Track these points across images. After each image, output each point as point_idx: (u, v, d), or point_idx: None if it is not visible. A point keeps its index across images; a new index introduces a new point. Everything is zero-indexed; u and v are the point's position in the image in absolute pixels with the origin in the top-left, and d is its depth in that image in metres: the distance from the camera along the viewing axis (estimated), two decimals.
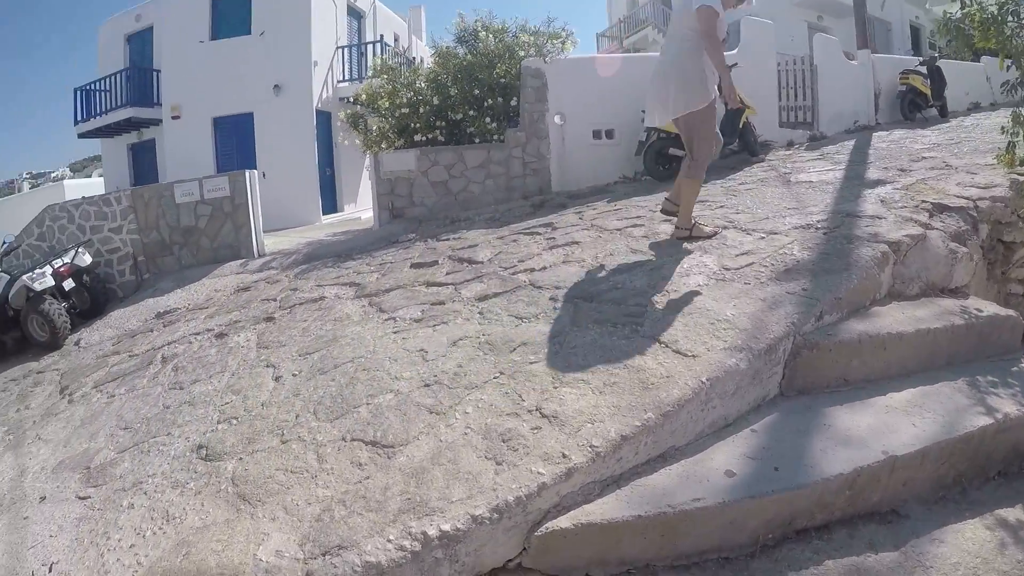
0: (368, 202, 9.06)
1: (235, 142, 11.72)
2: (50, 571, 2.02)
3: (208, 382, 3.15)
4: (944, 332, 2.42)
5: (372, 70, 8.28)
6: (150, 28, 12.56)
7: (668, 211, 3.59)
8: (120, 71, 12.52)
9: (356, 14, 13.83)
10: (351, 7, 13.42)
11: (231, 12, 11.81)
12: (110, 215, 6.96)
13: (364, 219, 10.08)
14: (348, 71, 12.71)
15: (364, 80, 9.98)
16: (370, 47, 12.78)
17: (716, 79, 3.27)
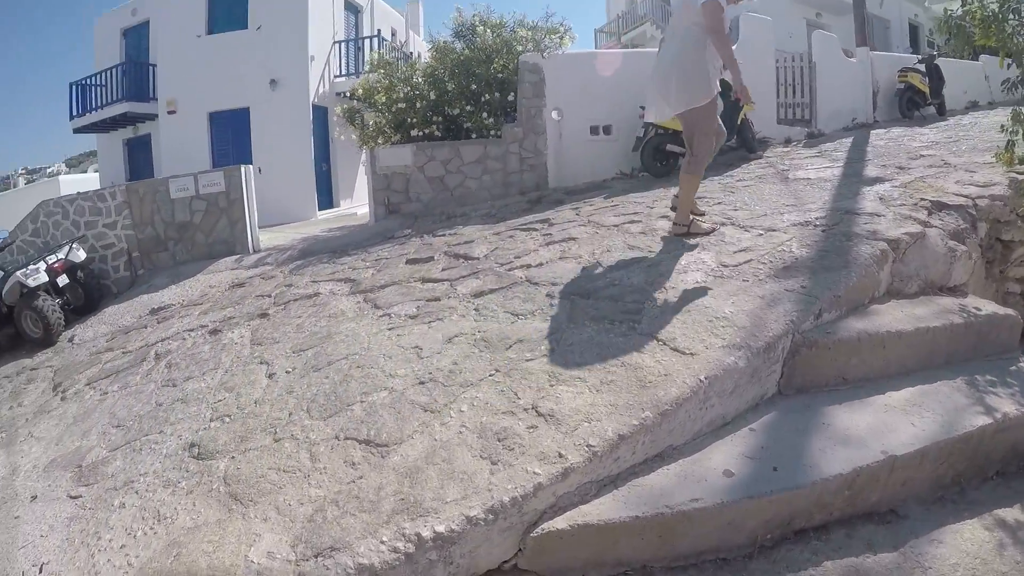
0: (364, 198, 9.05)
1: (231, 137, 11.64)
2: (40, 572, 2.00)
3: (201, 379, 3.12)
4: (943, 331, 2.41)
5: (369, 65, 8.22)
6: (146, 22, 12.45)
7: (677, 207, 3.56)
8: (116, 66, 12.42)
9: (353, 8, 13.75)
10: (348, 1, 13.34)
11: (227, 6, 11.72)
12: (105, 211, 6.90)
13: (360, 215, 10.06)
14: (345, 66, 12.64)
15: (361, 75, 9.93)
16: (367, 42, 12.70)
17: (718, 75, 3.25)
